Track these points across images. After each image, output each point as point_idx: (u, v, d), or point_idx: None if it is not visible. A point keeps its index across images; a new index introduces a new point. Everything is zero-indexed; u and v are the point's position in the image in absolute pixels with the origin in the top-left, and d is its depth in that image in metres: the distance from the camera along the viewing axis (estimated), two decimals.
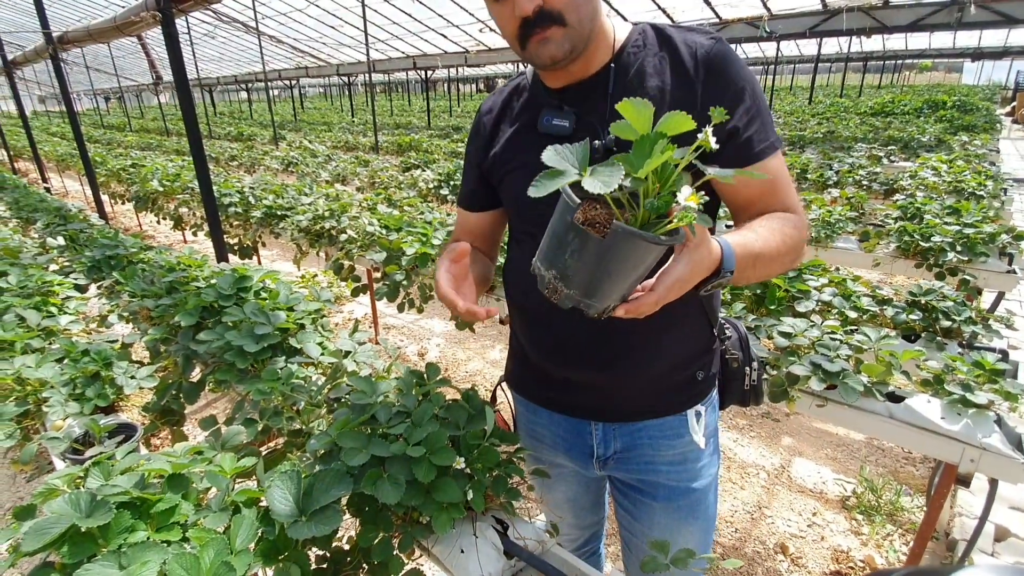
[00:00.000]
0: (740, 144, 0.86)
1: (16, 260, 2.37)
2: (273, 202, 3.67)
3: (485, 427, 1.02)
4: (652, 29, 0.93)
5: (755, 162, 0.87)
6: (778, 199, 0.90)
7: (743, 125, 0.85)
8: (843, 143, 7.00)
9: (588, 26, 0.85)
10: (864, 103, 14.80)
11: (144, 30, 2.97)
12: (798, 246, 0.88)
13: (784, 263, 0.87)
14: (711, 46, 0.87)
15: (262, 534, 0.84)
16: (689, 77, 0.87)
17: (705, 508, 1.09)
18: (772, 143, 0.88)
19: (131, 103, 34.73)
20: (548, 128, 0.94)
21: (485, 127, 1.06)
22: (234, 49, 17.65)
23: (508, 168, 1.00)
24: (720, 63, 0.86)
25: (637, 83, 0.89)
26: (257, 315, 1.47)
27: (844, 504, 2.39)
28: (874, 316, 1.94)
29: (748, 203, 0.91)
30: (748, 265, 0.80)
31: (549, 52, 0.84)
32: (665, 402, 1.02)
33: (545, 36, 0.83)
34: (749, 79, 0.87)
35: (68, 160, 8.99)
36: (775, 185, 0.89)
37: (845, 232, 3.19)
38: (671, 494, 1.07)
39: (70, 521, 0.77)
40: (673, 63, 0.88)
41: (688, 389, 1.03)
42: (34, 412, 1.46)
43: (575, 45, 0.85)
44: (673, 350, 0.99)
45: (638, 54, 0.91)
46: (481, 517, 1.01)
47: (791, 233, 0.86)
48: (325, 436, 1.01)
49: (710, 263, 0.73)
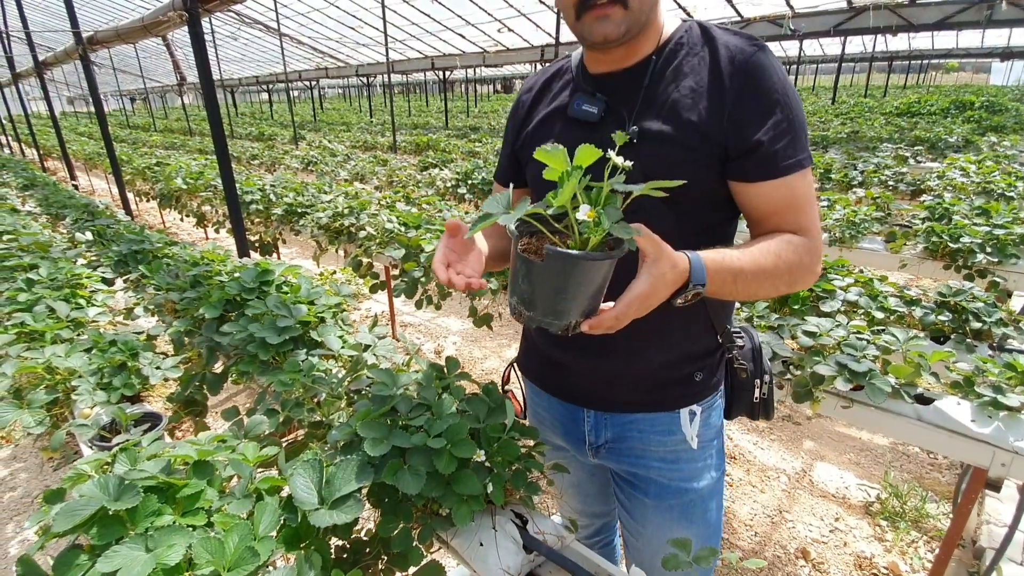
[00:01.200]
0: (763, 157, 0.84)
1: (47, 254, 2.44)
2: (293, 200, 3.71)
3: (505, 421, 1.01)
4: (698, 27, 0.92)
5: (777, 177, 0.85)
6: (792, 218, 0.87)
7: (768, 139, 0.83)
8: (868, 143, 6.86)
9: (647, 14, 0.85)
10: (889, 103, 14.51)
11: (171, 30, 3.03)
12: (797, 270, 0.85)
13: (778, 285, 0.85)
14: (752, 53, 0.85)
15: (284, 521, 0.84)
16: (723, 82, 0.85)
17: (703, 514, 1.07)
18: (800, 160, 0.85)
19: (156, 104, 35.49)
20: (577, 113, 0.94)
21: (523, 106, 1.07)
22: (256, 50, 17.93)
23: (536, 148, 1.01)
24: (757, 72, 0.84)
25: (672, 79, 0.89)
26: (279, 308, 1.49)
27: (868, 510, 2.34)
28: (901, 317, 1.89)
29: (763, 217, 0.89)
30: (726, 280, 0.80)
31: (604, 31, 0.83)
32: (657, 397, 1.01)
33: (606, 13, 0.82)
34: (785, 92, 0.85)
35: (95, 159, 9.21)
36: (793, 204, 0.87)
37: (870, 232, 3.13)
38: (662, 492, 1.06)
39: (99, 504, 0.78)
40: (712, 65, 0.87)
41: (683, 388, 1.01)
42: (63, 400, 1.50)
43: (630, 29, 0.84)
44: (669, 347, 0.98)
45: (679, 51, 0.90)
46: (500, 511, 1.00)
47: (789, 257, 0.84)
48: (346, 427, 1.02)
49: (675, 276, 0.75)
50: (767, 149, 0.83)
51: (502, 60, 11.99)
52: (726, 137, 0.84)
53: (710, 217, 0.93)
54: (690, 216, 0.90)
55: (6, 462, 2.84)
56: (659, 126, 0.87)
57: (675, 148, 0.86)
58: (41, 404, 1.45)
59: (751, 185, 0.87)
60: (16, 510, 2.51)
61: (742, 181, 0.87)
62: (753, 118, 0.83)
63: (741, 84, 0.84)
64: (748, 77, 0.84)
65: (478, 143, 8.85)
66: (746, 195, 0.88)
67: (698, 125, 0.85)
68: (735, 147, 0.84)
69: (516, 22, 10.78)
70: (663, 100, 0.88)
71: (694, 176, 0.87)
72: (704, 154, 0.86)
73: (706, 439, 1.05)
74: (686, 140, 0.85)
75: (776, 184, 0.85)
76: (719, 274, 0.79)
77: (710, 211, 0.93)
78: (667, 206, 0.88)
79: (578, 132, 0.95)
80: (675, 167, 0.87)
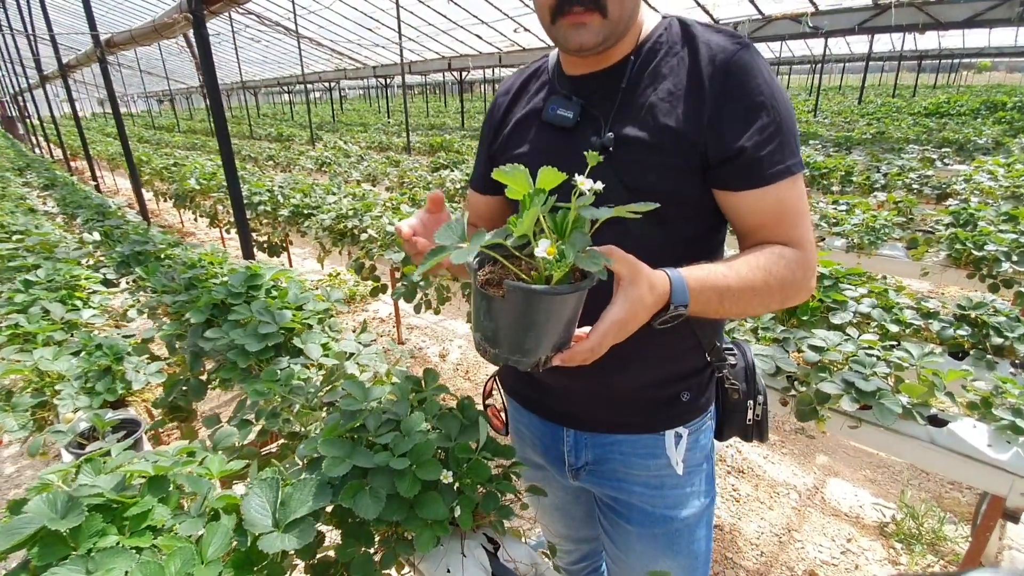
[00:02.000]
0: (747, 164, 0.77)
1: (51, 254, 2.46)
2: (300, 201, 3.72)
3: (477, 440, 0.96)
4: (679, 24, 0.85)
5: (763, 185, 0.78)
6: (782, 230, 0.80)
7: (753, 144, 0.76)
8: (893, 144, 6.65)
9: (626, 23, 0.80)
10: (918, 103, 14.10)
11: (179, 32, 3.04)
12: (789, 286, 0.78)
13: (768, 303, 0.79)
14: (733, 52, 0.78)
15: (236, 544, 0.80)
16: (703, 83, 0.79)
17: (689, 544, 1.00)
18: (788, 167, 0.78)
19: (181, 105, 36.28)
20: (552, 118, 0.89)
21: (499, 108, 1.02)
22: (277, 52, 18.19)
23: (510, 154, 0.96)
24: (739, 72, 0.77)
25: (650, 82, 0.83)
26: (263, 314, 1.46)
27: (882, 531, 2.23)
28: (918, 330, 1.79)
29: (750, 230, 0.83)
30: (711, 300, 0.74)
31: (580, 39, 0.78)
32: (640, 418, 0.95)
33: (582, 21, 0.77)
34: (772, 93, 0.78)
35: (118, 159, 9.42)
36: (782, 214, 0.80)
37: (891, 238, 3.00)
38: (645, 519, 0.99)
39: (42, 522, 0.75)
40: (691, 65, 0.81)
41: (668, 409, 0.95)
42: (50, 404, 1.49)
43: (607, 38, 0.79)
44: (652, 365, 0.91)
45: (658, 51, 0.84)
46: (471, 535, 0.95)
47: (780, 272, 0.77)
48: (314, 442, 0.97)
49: (654, 299, 0.69)
50: (751, 155, 0.76)
51: (517, 60, 11.95)
52: (705, 143, 0.78)
53: (695, 227, 0.87)
54: (673, 227, 0.84)
55: (14, 459, 2.88)
56: (636, 132, 0.81)
57: (653, 155, 0.80)
58: (26, 407, 1.45)
59: (735, 195, 0.80)
60: None
61: (725, 190, 0.81)
62: (735, 122, 0.77)
63: (722, 85, 0.77)
64: (730, 78, 0.77)
65: None
66: (731, 205, 0.82)
67: (676, 130, 0.79)
68: (716, 153, 0.78)
69: (531, 22, 10.72)
70: (640, 104, 0.82)
71: (674, 184, 0.81)
72: (683, 161, 0.79)
73: (693, 464, 0.98)
74: (664, 146, 0.79)
75: (762, 193, 0.78)
76: (703, 293, 0.73)
77: (695, 221, 0.86)
78: (646, 218, 0.83)
79: (553, 137, 0.90)
80: (653, 175, 0.81)
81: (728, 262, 0.79)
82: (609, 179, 0.81)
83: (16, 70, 12.89)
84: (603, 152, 0.83)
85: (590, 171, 0.66)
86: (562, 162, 0.87)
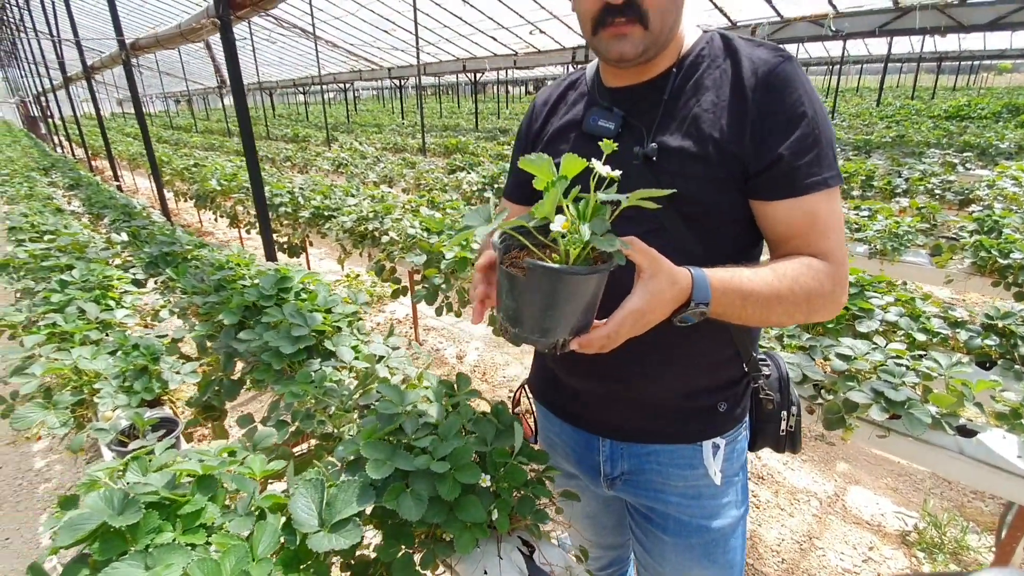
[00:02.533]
0: (783, 173, 0.78)
1: (83, 254, 2.52)
2: (321, 203, 3.76)
3: (513, 444, 0.98)
4: (720, 38, 0.87)
5: (797, 195, 0.79)
6: (812, 241, 0.81)
7: (790, 153, 0.78)
8: (914, 148, 6.57)
9: (667, 35, 0.82)
10: (938, 106, 13.90)
11: (205, 36, 3.10)
12: (816, 298, 0.78)
13: (793, 313, 0.79)
14: (775, 64, 0.80)
15: (284, 542, 0.83)
16: (745, 95, 0.80)
17: (725, 553, 1.00)
18: (825, 179, 0.79)
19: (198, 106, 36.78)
20: (593, 128, 0.90)
21: (537, 118, 1.03)
22: (293, 53, 18.37)
23: None
24: (781, 84, 0.79)
25: (693, 94, 0.84)
26: (295, 317, 1.49)
27: (904, 539, 2.21)
28: (945, 340, 1.78)
29: (782, 239, 0.83)
30: (734, 302, 0.74)
31: (621, 49, 0.80)
32: (678, 428, 0.96)
33: (623, 32, 0.79)
34: (812, 105, 0.79)
35: (139, 159, 9.57)
36: (815, 226, 0.80)
37: (914, 245, 2.97)
38: (682, 529, 0.99)
39: (102, 518, 0.78)
40: (734, 78, 0.82)
41: (706, 419, 0.95)
42: (88, 402, 1.53)
43: (648, 49, 0.81)
44: (691, 375, 0.92)
45: (700, 64, 0.85)
46: (507, 538, 0.97)
47: (807, 283, 0.78)
48: (352, 444, 1.00)
49: (674, 293, 0.70)
50: (788, 164, 0.78)
51: (533, 62, 11.97)
52: (746, 153, 0.79)
53: (735, 238, 0.88)
54: (714, 237, 0.85)
55: (43, 454, 2.95)
56: (679, 142, 0.82)
57: (696, 165, 0.81)
58: (67, 405, 1.49)
59: (770, 204, 0.81)
60: (50, 501, 2.60)
61: (761, 199, 0.82)
62: (775, 132, 0.78)
63: (764, 97, 0.79)
64: (771, 89, 0.79)
65: (506, 145, 8.84)
66: (765, 215, 0.83)
67: (719, 141, 0.80)
68: (755, 163, 0.79)
69: (547, 24, 10.74)
70: (684, 115, 0.83)
71: (716, 195, 0.83)
72: (725, 172, 0.81)
73: (730, 474, 0.99)
74: (707, 157, 0.81)
75: (796, 203, 0.79)
76: (726, 295, 0.74)
77: (734, 232, 0.87)
78: (688, 227, 0.84)
79: (593, 147, 0.91)
80: (695, 185, 0.82)
81: (754, 268, 0.79)
82: (651, 188, 0.83)
83: (40, 71, 13.16)
84: (646, 162, 0.84)
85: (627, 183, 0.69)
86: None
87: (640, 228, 0.86)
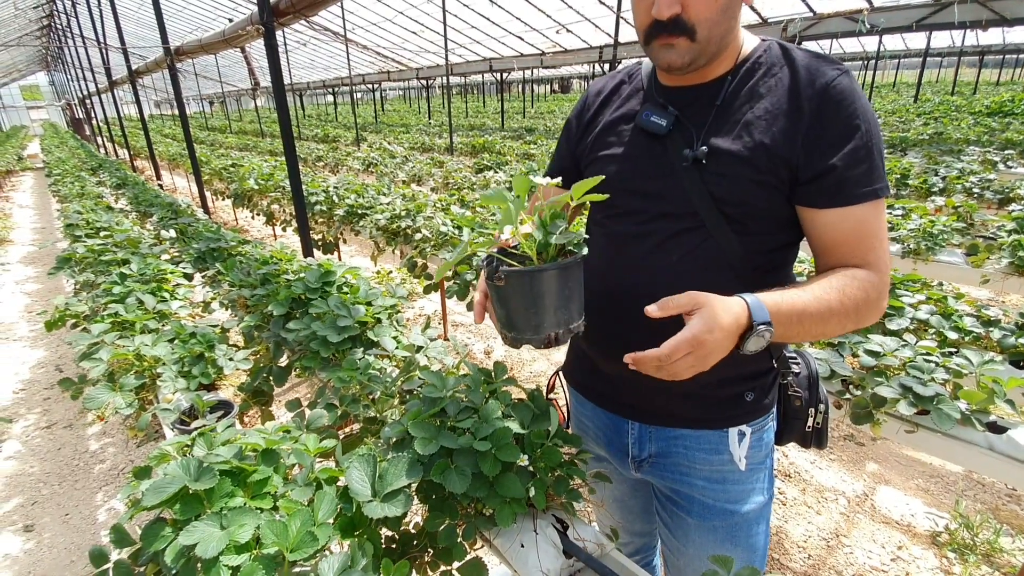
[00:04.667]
0: (835, 183, 0.82)
1: (136, 250, 2.67)
2: (355, 201, 3.88)
3: (549, 427, 1.04)
4: (778, 47, 0.90)
5: (848, 204, 0.82)
6: (860, 252, 0.84)
7: (843, 164, 0.81)
8: (952, 146, 6.39)
9: (717, 44, 0.84)
10: (979, 101, 13.41)
11: (248, 42, 3.24)
12: (863, 308, 0.82)
13: (845, 323, 0.82)
14: (834, 77, 0.83)
15: (340, 510, 0.91)
16: (801, 104, 0.83)
17: (748, 537, 1.04)
18: (875, 190, 0.82)
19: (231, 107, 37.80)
20: (645, 124, 0.94)
21: (590, 108, 1.07)
22: (323, 56, 18.76)
23: (597, 154, 1.01)
24: (838, 97, 0.82)
25: (747, 99, 0.88)
26: (340, 308, 1.58)
27: (934, 540, 2.20)
28: (977, 338, 1.77)
29: (829, 247, 0.87)
30: (792, 320, 0.78)
31: (668, 59, 0.85)
32: (704, 414, 1.00)
33: (671, 43, 0.83)
34: (866, 118, 0.82)
35: (178, 159, 9.93)
36: (862, 235, 0.84)
37: (950, 244, 2.92)
38: (706, 512, 1.03)
39: (182, 483, 0.87)
40: (791, 86, 0.85)
41: (732, 407, 0.99)
42: (149, 385, 1.65)
43: (696, 60, 0.85)
44: (719, 364, 0.96)
45: (756, 71, 0.89)
46: (542, 515, 1.03)
47: (854, 294, 0.81)
48: (398, 425, 1.07)
49: (731, 319, 0.73)
50: (840, 175, 0.81)
51: (559, 61, 11.98)
52: (797, 160, 0.83)
53: (775, 240, 0.92)
54: (755, 239, 0.89)
55: (97, 437, 3.13)
56: (729, 145, 0.86)
57: (744, 169, 0.85)
58: (131, 388, 1.61)
59: (820, 212, 0.84)
60: (104, 480, 2.77)
61: (810, 207, 0.85)
62: (830, 142, 0.81)
63: (819, 107, 0.82)
64: (828, 101, 0.82)
65: (533, 145, 8.89)
66: (813, 222, 0.86)
67: (769, 147, 0.83)
68: (806, 171, 0.83)
69: (575, 24, 10.75)
70: (736, 120, 0.87)
71: (761, 199, 0.86)
72: (774, 177, 0.84)
73: (755, 461, 1.03)
74: (756, 161, 0.84)
75: (846, 212, 0.83)
76: (781, 314, 0.77)
77: (775, 234, 0.91)
78: (733, 229, 0.88)
79: (644, 142, 0.95)
80: (742, 188, 0.86)
81: (802, 284, 0.83)
82: (699, 189, 0.87)
83: (85, 76, 13.74)
84: (694, 163, 0.88)
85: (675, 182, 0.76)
86: (649, 166, 0.94)
87: (680, 224, 0.91)
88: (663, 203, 0.92)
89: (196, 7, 14.42)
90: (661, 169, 0.91)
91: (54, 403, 3.50)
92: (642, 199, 0.94)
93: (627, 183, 0.95)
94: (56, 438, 3.14)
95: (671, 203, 0.91)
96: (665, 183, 0.91)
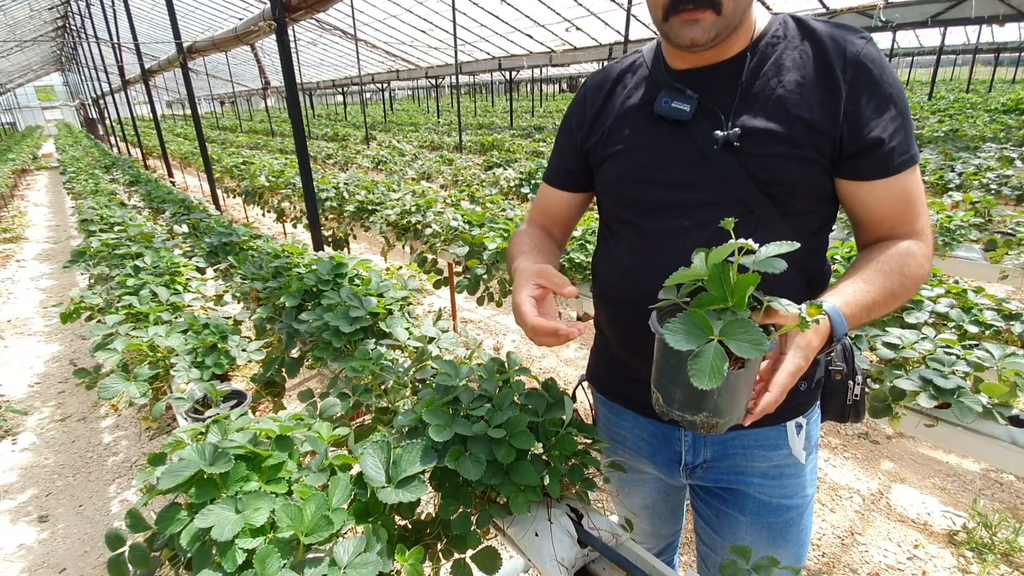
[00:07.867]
0: (882, 154, 0.80)
1: (150, 244, 2.69)
2: (365, 197, 3.89)
3: (563, 416, 1.03)
4: (793, 20, 0.88)
5: (893, 175, 0.81)
6: (909, 220, 0.83)
7: (888, 135, 0.80)
8: (968, 143, 6.29)
9: (739, 17, 0.81)
10: (995, 99, 13.21)
11: (260, 39, 3.25)
12: (920, 281, 0.82)
13: (903, 299, 0.83)
14: (863, 46, 0.81)
15: (355, 496, 0.90)
16: (834, 76, 0.81)
17: (798, 532, 1.02)
18: (912, 155, 0.82)
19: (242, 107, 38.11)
20: (665, 110, 0.88)
21: (592, 104, 1.01)
22: (333, 55, 18.84)
23: (613, 148, 0.96)
24: (871, 65, 0.80)
25: (774, 75, 0.84)
26: (352, 299, 1.58)
27: (951, 539, 2.16)
28: (998, 332, 1.74)
29: (877, 222, 0.86)
30: (861, 317, 0.79)
31: (692, 35, 0.80)
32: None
33: (695, 17, 0.78)
34: (897, 86, 0.81)
35: (189, 158, 10.02)
36: (908, 203, 0.83)
37: (967, 240, 2.88)
38: (761, 509, 1.01)
39: (197, 467, 0.87)
40: (817, 59, 0.83)
41: (789, 399, 0.96)
42: (163, 375, 1.66)
43: (720, 34, 0.80)
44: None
45: (777, 45, 0.86)
46: (556, 504, 1.02)
47: (912, 271, 0.81)
48: (412, 413, 1.07)
49: (820, 340, 0.74)
50: (886, 145, 0.80)
51: (569, 59, 11.96)
52: (841, 134, 0.81)
53: (819, 217, 0.90)
54: (800, 218, 0.87)
55: (111, 430, 3.16)
56: (765, 123, 0.82)
57: (783, 146, 0.82)
58: (145, 378, 1.62)
59: (866, 184, 0.83)
60: (118, 472, 2.80)
61: (857, 180, 0.83)
62: (871, 114, 0.80)
63: (855, 78, 0.80)
64: (862, 70, 0.80)
65: (542, 143, 8.88)
66: (859, 196, 0.84)
67: (809, 121, 0.81)
68: (851, 144, 0.81)
69: (584, 21, 10.71)
70: (767, 96, 0.83)
71: (803, 175, 0.84)
72: (815, 152, 0.82)
73: (809, 452, 1.00)
74: (796, 137, 0.81)
75: (893, 182, 0.81)
76: (854, 316, 0.77)
77: (818, 211, 0.89)
78: (779, 211, 0.85)
79: (666, 131, 0.90)
80: (782, 165, 0.83)
81: (863, 274, 0.81)
82: (735, 172, 0.84)
83: (99, 76, 13.91)
84: (726, 145, 0.84)
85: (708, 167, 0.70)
86: (675, 155, 0.90)
87: (729, 213, 0.88)
88: (696, 192, 0.88)
89: (208, 7, 14.54)
90: (689, 156, 0.87)
91: (68, 396, 3.54)
92: (673, 190, 0.89)
93: (652, 175, 0.91)
94: (70, 431, 3.17)
95: (705, 191, 0.87)
96: (695, 170, 0.87)
